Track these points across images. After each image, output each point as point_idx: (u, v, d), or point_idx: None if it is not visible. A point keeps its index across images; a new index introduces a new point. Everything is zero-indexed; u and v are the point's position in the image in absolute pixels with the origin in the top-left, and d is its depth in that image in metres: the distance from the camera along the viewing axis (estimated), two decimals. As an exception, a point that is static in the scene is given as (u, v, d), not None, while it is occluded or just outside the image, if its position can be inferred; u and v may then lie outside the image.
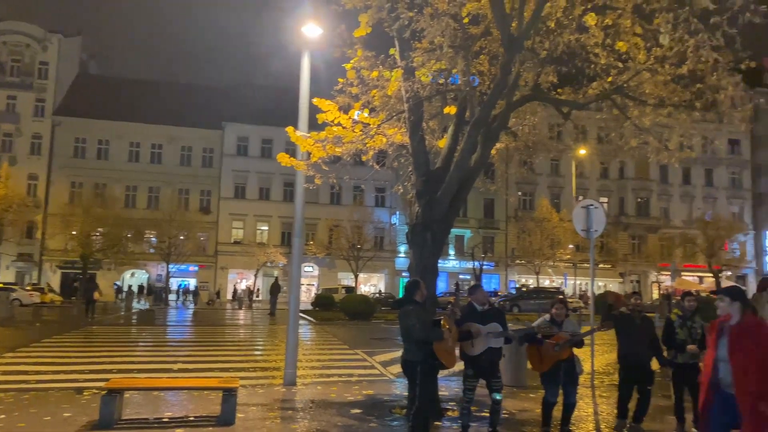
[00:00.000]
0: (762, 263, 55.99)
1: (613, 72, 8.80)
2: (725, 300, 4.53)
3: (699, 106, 9.01)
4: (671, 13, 7.12)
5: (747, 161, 58.83)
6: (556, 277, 50.98)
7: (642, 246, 54.93)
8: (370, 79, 9.07)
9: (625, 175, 56.05)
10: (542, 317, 7.11)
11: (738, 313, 4.44)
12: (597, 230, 11.59)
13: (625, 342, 7.31)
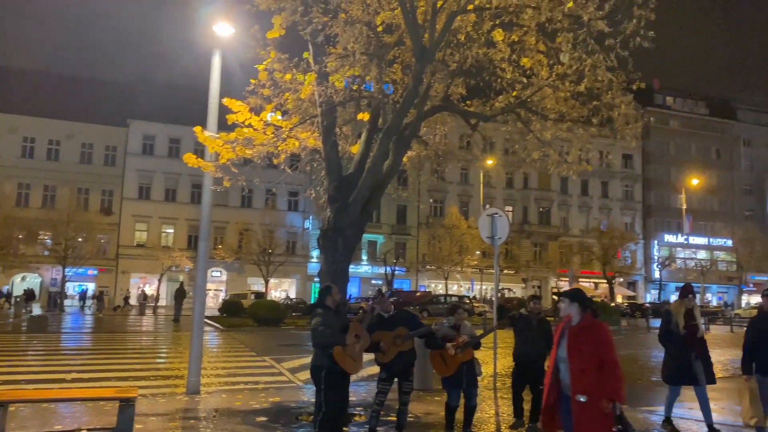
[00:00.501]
0: (650, 270, 60.26)
1: (518, 87, 9.21)
2: (565, 302, 4.64)
3: (595, 122, 9.57)
4: (571, 33, 7.58)
5: (639, 175, 63.19)
6: (464, 283, 52.48)
7: (543, 253, 57.62)
8: (283, 82, 8.98)
9: (528, 186, 58.63)
10: (442, 321, 7.28)
11: (577, 314, 4.54)
12: (501, 237, 12.06)
13: (520, 342, 7.67)
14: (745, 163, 67.30)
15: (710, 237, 62.76)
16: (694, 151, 65.20)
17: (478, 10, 8.32)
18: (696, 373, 7.32)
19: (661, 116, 64.50)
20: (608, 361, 4.37)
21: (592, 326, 4.51)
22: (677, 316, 7.46)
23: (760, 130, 68.92)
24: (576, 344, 4.46)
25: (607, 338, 4.50)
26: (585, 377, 4.34)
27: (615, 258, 51.65)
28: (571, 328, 4.57)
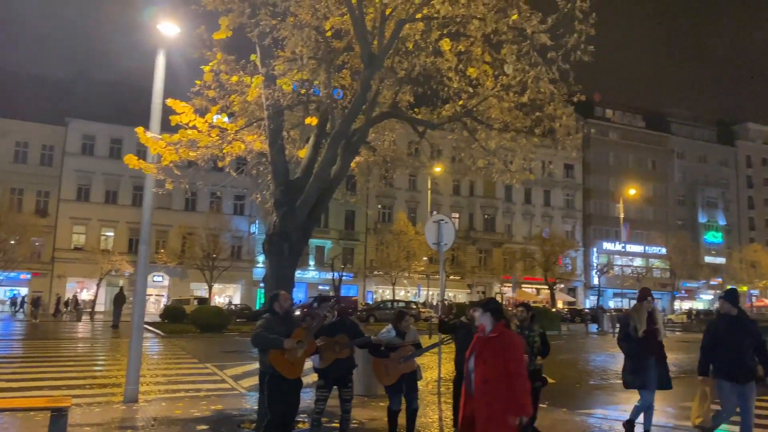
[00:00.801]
0: (589, 277, 62.22)
1: (464, 96, 9.37)
2: (479, 311, 4.54)
3: (538, 133, 9.82)
4: (516, 45, 7.78)
5: (579, 185, 65.25)
6: (411, 288, 52.83)
7: (488, 259, 58.68)
8: (230, 84, 8.85)
9: (474, 193, 59.65)
10: (387, 327, 7.31)
11: (490, 324, 4.43)
12: (447, 244, 12.23)
13: (460, 349, 7.75)
14: (678, 174, 70.49)
15: (646, 245, 65.36)
16: (631, 163, 67.83)
17: (426, 19, 8.44)
18: (650, 378, 7.23)
19: (600, 128, 66.87)
20: (513, 372, 4.24)
21: (501, 337, 4.39)
22: (638, 320, 7.35)
23: (692, 144, 72.37)
24: (482, 355, 4.35)
25: (515, 349, 4.39)
26: (488, 388, 4.23)
27: (556, 265, 53.10)
28: (480, 338, 4.46)
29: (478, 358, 4.37)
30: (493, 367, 4.25)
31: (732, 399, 6.72)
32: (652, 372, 7.22)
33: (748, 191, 74.41)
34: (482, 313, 4.50)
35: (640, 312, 7.42)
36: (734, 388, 6.67)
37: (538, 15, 7.47)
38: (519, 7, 7.61)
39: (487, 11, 7.92)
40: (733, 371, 6.66)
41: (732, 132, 76.61)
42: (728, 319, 6.89)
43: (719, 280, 66.57)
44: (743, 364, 6.67)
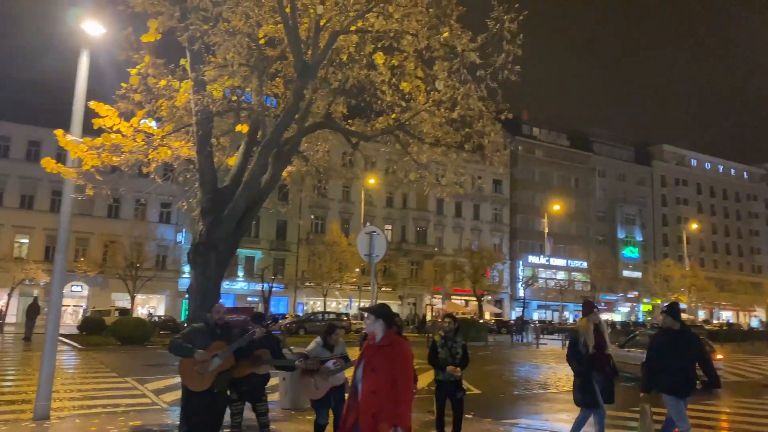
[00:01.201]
0: (515, 289, 64.02)
1: (397, 109, 9.50)
2: (370, 318, 4.28)
3: (468, 148, 10.06)
4: (447, 62, 7.97)
5: (507, 200, 67.21)
6: (343, 300, 52.64)
7: (419, 271, 59.33)
8: (157, 88, 8.60)
9: (407, 206, 60.31)
10: (316, 340, 7.25)
11: (381, 331, 4.21)
12: (378, 255, 12.29)
13: None
14: (599, 192, 73.86)
15: (568, 259, 67.96)
16: (556, 180, 70.52)
17: (360, 32, 8.52)
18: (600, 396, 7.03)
19: (528, 146, 69.28)
20: (400, 382, 4.02)
21: (392, 345, 4.15)
22: (586, 335, 7.07)
23: (612, 163, 76.08)
24: (371, 364, 4.10)
25: (405, 358, 4.15)
26: (376, 400, 3.97)
27: (484, 277, 54.31)
28: (370, 347, 4.21)
29: (367, 367, 4.11)
30: (383, 376, 4.01)
31: (683, 411, 6.60)
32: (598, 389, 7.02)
33: (662, 209, 78.85)
34: (374, 319, 4.25)
35: (587, 326, 7.17)
36: (678, 402, 6.57)
37: (469, 33, 7.70)
38: (451, 25, 7.81)
39: (420, 27, 8.09)
40: (677, 386, 6.57)
41: (649, 153, 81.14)
42: (671, 333, 6.79)
43: (636, 293, 70.07)
44: (687, 378, 6.59)
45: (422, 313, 52.03)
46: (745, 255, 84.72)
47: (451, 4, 8.28)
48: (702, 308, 71.95)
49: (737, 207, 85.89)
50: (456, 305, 56.90)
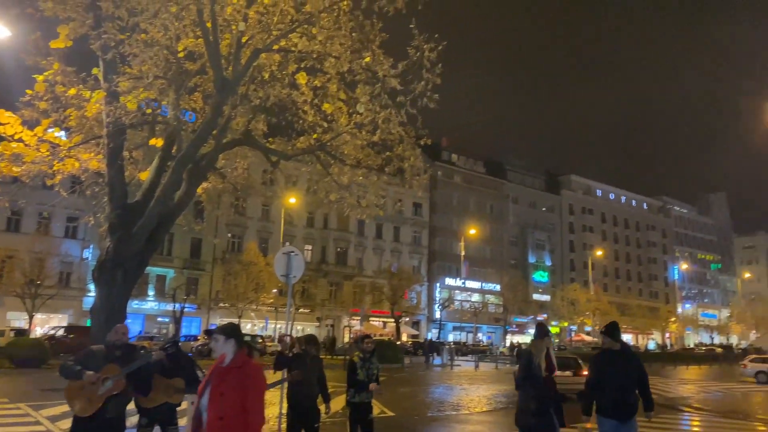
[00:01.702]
0: (432, 311, 64.98)
1: (319, 130, 9.56)
2: (220, 339, 3.95)
3: (388, 171, 10.24)
4: (369, 86, 8.12)
5: (426, 222, 68.43)
6: (258, 321, 51.45)
7: (338, 292, 59.06)
8: (66, 97, 8.22)
9: (328, 226, 60.08)
10: None
11: (232, 352, 3.90)
12: (296, 276, 12.13)
13: (294, 383, 7.66)
14: (512, 218, 76.67)
15: (483, 281, 69.83)
16: (472, 205, 72.63)
17: (283, 51, 8.52)
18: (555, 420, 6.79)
19: (447, 171, 71.07)
20: (250, 408, 3.72)
21: (242, 367, 3.85)
22: (539, 357, 6.83)
23: (524, 191, 79.38)
24: (219, 388, 3.76)
25: (257, 381, 3.87)
26: (223, 428, 3.66)
27: (402, 298, 54.79)
28: (218, 370, 3.88)
29: (215, 392, 3.75)
30: (232, 402, 3.69)
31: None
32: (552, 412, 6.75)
33: (570, 236, 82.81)
34: (225, 340, 3.90)
35: (540, 349, 6.94)
36: (617, 427, 6.23)
37: (390, 60, 7.89)
38: (373, 51, 7.98)
39: (343, 50, 8.20)
40: (617, 409, 6.23)
41: (558, 182, 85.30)
42: (611, 354, 6.47)
43: (545, 315, 72.80)
44: (627, 400, 6.27)
45: (331, 335, 51.65)
46: (644, 281, 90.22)
47: (374, 30, 8.47)
48: (605, 331, 75.71)
49: (637, 236, 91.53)
50: (374, 327, 56.97)
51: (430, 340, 49.22)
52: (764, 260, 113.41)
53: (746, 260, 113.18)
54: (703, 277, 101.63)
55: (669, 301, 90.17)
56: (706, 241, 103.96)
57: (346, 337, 54.91)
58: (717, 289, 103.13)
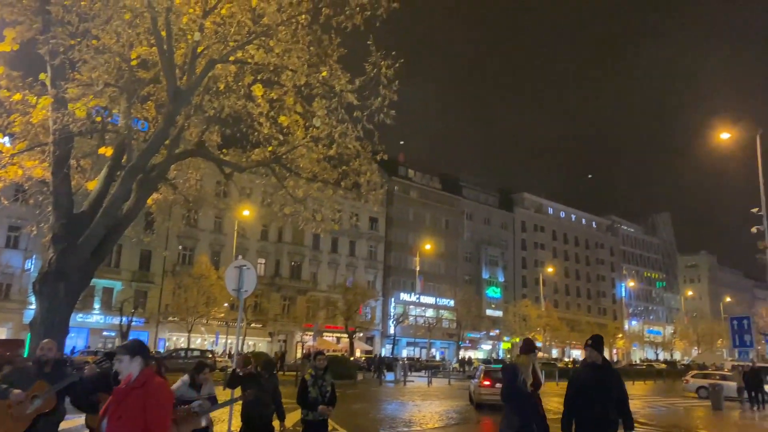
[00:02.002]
0: (386, 326, 64.93)
1: (275, 142, 9.46)
2: (124, 358, 3.58)
3: (344, 185, 10.22)
4: (326, 100, 8.11)
5: (382, 237, 68.57)
6: (209, 336, 50.32)
7: (292, 307, 58.39)
8: (11, 102, 7.91)
9: (282, 239, 59.46)
10: (182, 378, 6.87)
11: (138, 370, 3.55)
12: (248, 290, 11.92)
13: (249, 400, 7.51)
14: (467, 234, 77.63)
15: (437, 297, 70.27)
16: (428, 220, 73.24)
17: (239, 63, 8.44)
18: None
19: (403, 186, 71.56)
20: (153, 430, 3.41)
21: (145, 386, 3.49)
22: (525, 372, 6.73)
23: (479, 207, 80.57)
24: (117, 412, 3.43)
25: (160, 401, 3.53)
26: None
27: (357, 313, 54.57)
28: (119, 391, 3.55)
29: (113, 416, 3.42)
30: (131, 425, 3.37)
31: None
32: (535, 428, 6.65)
33: (522, 252, 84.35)
34: (131, 359, 3.56)
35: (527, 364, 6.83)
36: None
37: (347, 75, 7.91)
38: (330, 65, 7.99)
39: (300, 64, 8.17)
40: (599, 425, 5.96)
41: (511, 199, 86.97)
42: (593, 368, 6.19)
43: (497, 331, 73.75)
44: (606, 417, 5.98)
45: (281, 351, 50.98)
46: (593, 298, 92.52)
47: (333, 45, 8.48)
48: (555, 347, 77.20)
49: (587, 253, 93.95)
50: (327, 342, 56.47)
51: (378, 356, 49.24)
52: (706, 279, 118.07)
53: (689, 279, 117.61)
54: (648, 295, 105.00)
55: (616, 318, 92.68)
56: (651, 260, 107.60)
57: (299, 353, 54.23)
58: (662, 306, 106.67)
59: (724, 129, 26.45)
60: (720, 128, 26.66)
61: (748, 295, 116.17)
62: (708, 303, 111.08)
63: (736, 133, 26.45)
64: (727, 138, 26.21)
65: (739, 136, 26.54)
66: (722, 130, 26.38)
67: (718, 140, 26.46)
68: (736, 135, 26.44)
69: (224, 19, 8.32)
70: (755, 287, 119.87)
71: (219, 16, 8.29)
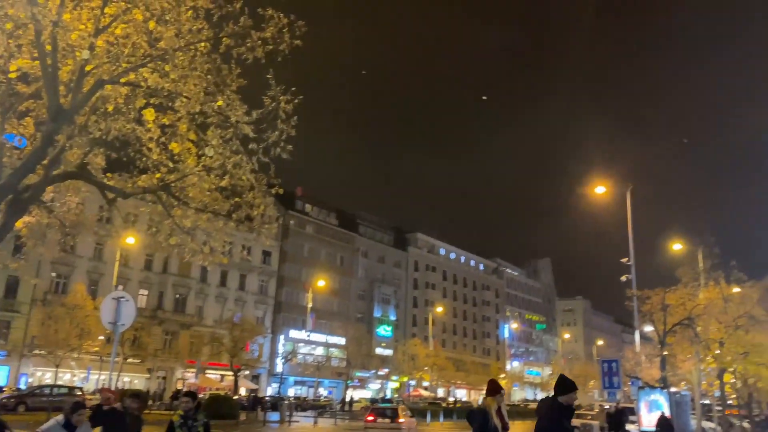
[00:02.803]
0: (274, 364, 63.22)
1: (164, 169, 9.10)
2: None
3: (236, 218, 9.98)
4: (221, 129, 7.97)
5: (275, 271, 67.28)
6: (79, 371, 46.46)
7: (174, 342, 55.44)
8: None
9: (168, 270, 56.69)
10: (56, 418, 6.32)
11: None
12: (125, 324, 11.25)
13: None
14: (361, 271, 78.04)
15: (328, 335, 69.59)
16: (323, 256, 72.91)
17: (132, 85, 8.13)
18: None
19: (299, 220, 71.01)
20: None
21: None
22: (492, 415, 6.71)
23: (375, 245, 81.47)
24: None
25: None
26: None
27: (243, 350, 52.74)
28: None
29: None
30: None
31: None
32: None
33: (414, 291, 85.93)
34: None
35: (493, 406, 6.81)
36: None
37: (244, 106, 7.84)
38: (228, 95, 7.88)
39: (197, 91, 8.00)
40: None
41: (406, 239, 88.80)
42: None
43: (386, 370, 74.01)
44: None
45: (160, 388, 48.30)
46: (478, 338, 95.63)
47: (232, 75, 8.39)
48: (441, 386, 78.58)
49: (474, 294, 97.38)
50: (210, 380, 53.99)
51: (253, 395, 48.01)
52: (581, 323, 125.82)
53: (566, 322, 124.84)
54: (529, 336, 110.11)
55: (500, 358, 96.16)
56: (533, 303, 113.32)
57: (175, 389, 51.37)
58: (541, 348, 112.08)
59: (599, 183, 28.77)
60: (596, 183, 28.97)
61: (617, 339, 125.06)
62: (582, 346, 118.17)
63: (610, 187, 28.86)
64: (603, 192, 28.49)
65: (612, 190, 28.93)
66: (598, 185, 28.67)
67: (594, 194, 28.68)
68: (610, 189, 28.82)
69: (118, 39, 8.02)
70: (623, 332, 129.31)
71: (112, 35, 7.99)
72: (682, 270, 34.12)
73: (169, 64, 7.71)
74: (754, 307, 32.02)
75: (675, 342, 31.47)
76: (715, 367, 32.17)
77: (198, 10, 8.62)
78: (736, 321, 30.18)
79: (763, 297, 33.56)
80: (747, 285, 33.03)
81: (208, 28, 8.62)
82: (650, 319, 29.09)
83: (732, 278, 32.85)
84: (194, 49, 8.24)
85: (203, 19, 8.61)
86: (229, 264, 59.21)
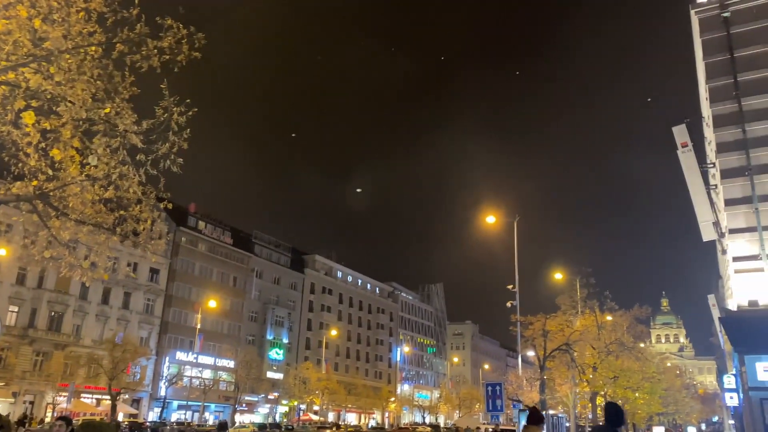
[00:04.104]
0: (157, 387, 59.89)
1: (42, 177, 8.53)
2: None
3: (120, 232, 9.50)
4: (107, 138, 7.60)
5: (162, 290, 64.06)
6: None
7: (46, 363, 51.15)
8: None
9: (43, 285, 52.46)
10: None
11: None
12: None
13: None
14: (255, 292, 76.13)
15: (217, 357, 67.02)
16: (215, 276, 70.47)
17: (10, 85, 7.60)
18: None
19: (191, 238, 68.31)
20: None
21: None
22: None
23: (270, 266, 79.91)
24: None
25: None
26: None
27: (124, 373, 49.62)
28: None
29: None
30: None
31: None
32: None
33: (309, 314, 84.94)
34: None
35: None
36: None
37: (134, 116, 7.55)
38: (118, 103, 7.56)
39: (84, 96, 7.61)
40: None
41: (303, 260, 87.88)
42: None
43: (276, 394, 72.29)
44: None
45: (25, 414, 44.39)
46: (371, 361, 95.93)
47: (125, 82, 8.08)
48: (332, 410, 77.83)
49: (369, 317, 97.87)
50: (85, 404, 50.18)
51: (133, 420, 45.50)
52: (469, 347, 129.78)
53: (455, 346, 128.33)
54: (420, 360, 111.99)
55: (391, 381, 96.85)
56: (425, 327, 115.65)
57: (49, 416, 47.34)
58: (431, 371, 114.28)
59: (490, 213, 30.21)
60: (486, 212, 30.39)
61: (502, 363, 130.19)
62: (470, 369, 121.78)
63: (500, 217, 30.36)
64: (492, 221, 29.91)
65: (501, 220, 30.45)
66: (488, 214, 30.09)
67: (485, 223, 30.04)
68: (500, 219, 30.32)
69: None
70: (508, 356, 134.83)
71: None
72: (562, 298, 36.34)
73: (54, 66, 7.28)
74: (623, 335, 34.71)
75: (554, 366, 33.33)
76: (588, 390, 34.34)
77: (91, 12, 8.25)
78: (608, 347, 32.52)
79: (632, 325, 36.51)
80: (618, 314, 35.78)
81: (100, 32, 8.26)
82: (532, 344, 30.68)
83: (605, 307, 35.49)
84: (84, 52, 7.85)
85: (95, 23, 8.24)
86: (112, 281, 55.76)
